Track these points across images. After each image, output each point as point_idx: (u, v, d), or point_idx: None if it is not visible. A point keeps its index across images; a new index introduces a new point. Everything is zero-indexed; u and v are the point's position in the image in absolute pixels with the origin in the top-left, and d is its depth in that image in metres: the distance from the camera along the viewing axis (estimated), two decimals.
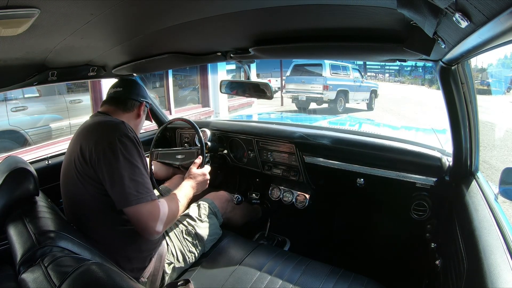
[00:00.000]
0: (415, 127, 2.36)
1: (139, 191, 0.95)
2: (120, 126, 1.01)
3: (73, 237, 0.79)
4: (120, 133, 0.98)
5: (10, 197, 0.88)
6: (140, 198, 0.95)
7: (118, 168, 0.94)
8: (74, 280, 0.58)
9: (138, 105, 1.23)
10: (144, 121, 1.31)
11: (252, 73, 1.44)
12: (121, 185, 0.94)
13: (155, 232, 0.99)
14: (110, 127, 1.01)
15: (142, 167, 1.00)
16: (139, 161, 0.99)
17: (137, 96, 1.23)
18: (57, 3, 0.65)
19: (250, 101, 8.48)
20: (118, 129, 0.99)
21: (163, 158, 1.72)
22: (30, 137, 3.87)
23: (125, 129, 1.01)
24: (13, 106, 3.85)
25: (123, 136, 0.98)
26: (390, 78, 19.50)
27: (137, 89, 1.25)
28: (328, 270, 1.16)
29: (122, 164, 0.94)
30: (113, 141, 0.96)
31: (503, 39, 0.49)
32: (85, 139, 1.00)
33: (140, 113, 1.23)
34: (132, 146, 0.99)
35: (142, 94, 1.25)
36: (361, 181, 1.42)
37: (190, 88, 7.06)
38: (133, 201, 0.94)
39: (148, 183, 0.99)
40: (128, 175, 0.94)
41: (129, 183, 0.94)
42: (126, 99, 1.20)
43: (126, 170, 0.95)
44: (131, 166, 0.96)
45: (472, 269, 0.70)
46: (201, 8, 0.79)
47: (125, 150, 0.96)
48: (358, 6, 0.68)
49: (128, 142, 0.98)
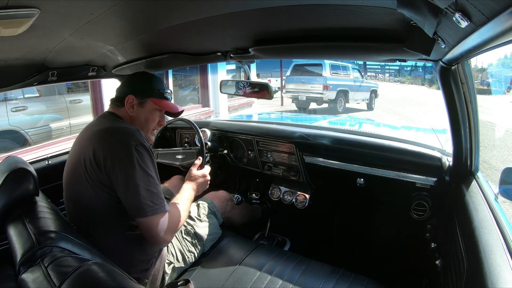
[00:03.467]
0: (415, 127, 2.37)
1: (154, 201, 0.95)
2: (136, 134, 0.99)
3: (74, 238, 0.79)
4: (137, 141, 0.97)
5: (10, 197, 0.87)
6: (155, 209, 0.95)
7: (134, 176, 0.93)
8: (74, 280, 0.58)
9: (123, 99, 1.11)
10: (155, 120, 1.16)
11: (252, 73, 1.44)
12: (136, 195, 0.93)
13: (164, 242, 1.02)
14: (127, 134, 0.99)
15: (155, 177, 0.99)
16: (153, 171, 0.99)
17: (127, 91, 1.12)
18: (57, 3, 0.65)
19: (250, 101, 8.48)
20: (135, 138, 0.98)
21: (163, 158, 1.73)
22: (30, 137, 3.87)
23: (141, 138, 0.99)
24: (13, 106, 3.85)
25: (140, 145, 0.97)
26: (390, 78, 19.49)
27: (132, 82, 1.16)
28: (328, 270, 1.16)
29: (138, 173, 0.94)
30: (130, 149, 0.94)
31: (503, 39, 0.49)
32: (99, 144, 0.98)
33: (129, 108, 1.11)
34: (147, 156, 0.98)
35: (137, 88, 1.13)
36: (361, 181, 1.42)
37: (190, 88, 7.07)
38: (148, 212, 0.94)
39: (161, 193, 0.99)
40: (143, 185, 0.94)
41: (145, 193, 0.94)
42: (120, 96, 1.13)
43: (141, 180, 0.94)
44: (146, 175, 0.95)
45: (472, 269, 0.70)
46: (201, 8, 0.79)
47: (141, 159, 0.95)
48: (358, 6, 0.68)
49: (144, 151, 0.97)
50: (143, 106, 1.12)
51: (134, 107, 1.11)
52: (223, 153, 1.82)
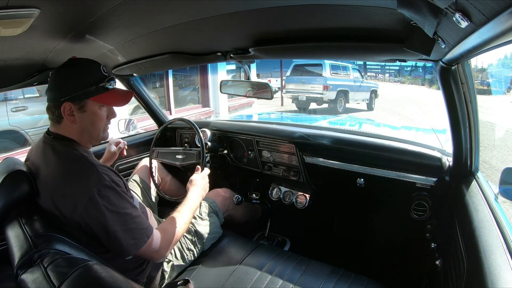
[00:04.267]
0: (415, 127, 2.36)
1: (135, 237, 0.90)
2: (93, 175, 0.87)
3: (70, 240, 0.79)
4: (97, 185, 0.85)
5: (7, 199, 0.87)
6: (138, 243, 0.91)
7: (108, 225, 0.85)
8: (73, 280, 0.58)
9: (58, 109, 0.92)
10: (102, 118, 0.97)
11: (252, 73, 1.44)
12: (116, 240, 0.87)
13: (161, 258, 1.02)
14: (84, 180, 0.86)
15: (130, 208, 0.91)
16: (126, 204, 0.90)
17: (56, 97, 0.93)
18: (57, 3, 0.65)
19: (250, 101, 8.49)
20: (93, 181, 0.86)
21: (163, 157, 1.73)
22: (30, 137, 3.87)
23: (100, 178, 0.87)
24: (13, 106, 3.85)
25: (101, 187, 0.86)
26: (390, 78, 19.48)
27: (60, 84, 0.93)
28: (328, 270, 1.16)
29: (111, 219, 0.86)
30: (93, 197, 0.84)
31: (503, 39, 0.49)
32: (56, 194, 0.87)
33: (69, 118, 0.92)
34: (113, 194, 0.88)
35: (68, 91, 0.91)
36: (361, 181, 1.42)
37: (190, 88, 7.07)
38: (133, 250, 0.90)
39: (141, 221, 0.93)
40: (120, 228, 0.87)
41: (124, 235, 0.88)
42: (51, 104, 0.94)
43: (117, 224, 0.87)
44: (120, 217, 0.88)
45: (472, 269, 0.70)
46: (201, 8, 0.79)
47: (110, 204, 0.86)
48: (358, 6, 0.68)
49: (109, 192, 0.87)
50: (84, 110, 0.93)
51: (74, 114, 0.92)
52: (223, 153, 1.82)
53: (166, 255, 1.01)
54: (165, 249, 1.00)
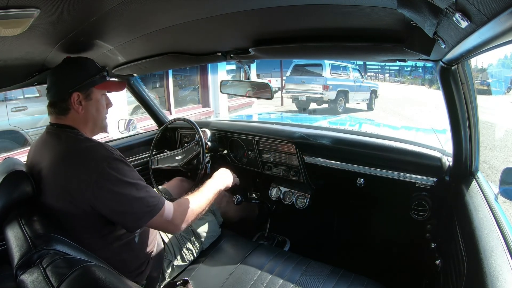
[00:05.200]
0: (415, 127, 2.36)
1: (149, 205, 0.92)
2: (101, 151, 0.92)
3: (69, 240, 0.79)
4: (107, 159, 0.89)
5: (7, 200, 0.87)
6: (153, 210, 0.93)
7: (122, 194, 0.88)
8: (72, 281, 0.58)
9: (66, 101, 0.98)
10: (104, 105, 1.06)
11: (252, 73, 1.44)
12: (132, 209, 0.90)
13: (177, 230, 1.03)
14: (93, 156, 0.90)
15: (139, 178, 0.95)
16: (135, 175, 0.94)
17: (63, 91, 0.98)
18: (57, 3, 0.65)
19: (250, 101, 8.49)
20: (102, 156, 0.90)
21: (162, 163, 1.72)
22: (30, 137, 3.87)
23: (108, 151, 0.92)
24: (13, 106, 3.86)
25: (111, 160, 0.89)
26: (390, 78, 19.48)
27: (66, 77, 0.99)
28: (328, 270, 1.16)
29: (124, 190, 0.89)
30: (105, 171, 0.87)
31: (503, 39, 0.49)
32: (65, 178, 0.88)
33: (77, 107, 0.98)
34: (122, 164, 0.92)
35: (75, 82, 0.98)
36: (361, 181, 1.42)
37: (190, 88, 7.07)
38: (147, 218, 0.92)
39: (150, 190, 0.96)
40: (134, 197, 0.90)
41: (138, 203, 0.91)
42: (58, 99, 0.99)
43: (131, 193, 0.90)
44: (132, 186, 0.91)
45: (472, 269, 0.70)
46: (201, 8, 0.79)
47: (120, 173, 0.89)
48: (358, 6, 0.68)
49: (117, 163, 0.91)
50: (91, 98, 1.01)
51: (82, 103, 0.99)
52: (223, 153, 1.82)
53: (181, 227, 1.01)
54: (180, 220, 1.01)
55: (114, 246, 0.99)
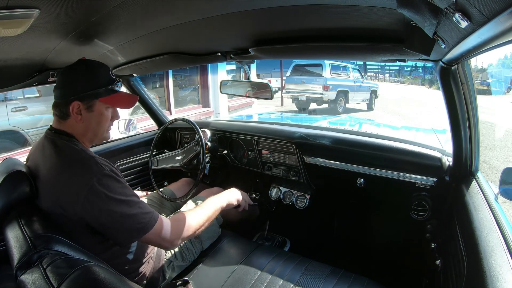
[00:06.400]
0: (415, 127, 2.36)
1: (140, 222, 0.90)
2: (92, 166, 0.87)
3: (69, 241, 0.79)
4: (97, 175, 0.85)
5: (7, 200, 0.87)
6: (145, 228, 0.90)
7: (112, 213, 0.85)
8: (72, 281, 0.58)
9: (67, 107, 0.93)
10: (108, 118, 1.00)
11: (252, 73, 1.44)
12: (122, 227, 0.88)
13: (172, 247, 1.01)
14: (83, 171, 0.86)
15: (131, 195, 0.91)
16: (127, 191, 0.90)
17: (65, 95, 0.94)
18: (57, 3, 0.65)
19: (250, 101, 8.49)
20: (93, 171, 0.85)
21: (163, 164, 1.72)
22: (30, 137, 3.87)
23: (99, 168, 0.87)
24: (13, 106, 3.86)
25: (101, 176, 0.85)
26: (390, 78, 19.48)
27: (71, 82, 0.94)
28: (328, 270, 1.16)
29: (114, 207, 0.86)
30: (93, 186, 0.83)
31: (503, 39, 0.49)
32: (58, 188, 0.87)
33: (76, 116, 0.93)
34: (113, 182, 0.87)
35: (79, 89, 0.93)
36: (361, 181, 1.42)
37: (190, 88, 7.07)
38: (141, 233, 0.90)
39: (144, 206, 0.92)
40: (125, 214, 0.87)
41: (129, 220, 0.88)
42: (60, 102, 0.95)
43: (120, 211, 0.86)
44: (122, 203, 0.87)
45: (472, 269, 0.70)
46: (201, 9, 0.79)
47: (110, 191, 0.85)
48: (358, 6, 0.68)
49: (108, 180, 0.86)
50: (92, 110, 0.95)
51: (82, 113, 0.94)
52: (223, 153, 1.82)
53: (176, 243, 0.99)
54: (176, 236, 0.98)
55: (114, 249, 0.98)
